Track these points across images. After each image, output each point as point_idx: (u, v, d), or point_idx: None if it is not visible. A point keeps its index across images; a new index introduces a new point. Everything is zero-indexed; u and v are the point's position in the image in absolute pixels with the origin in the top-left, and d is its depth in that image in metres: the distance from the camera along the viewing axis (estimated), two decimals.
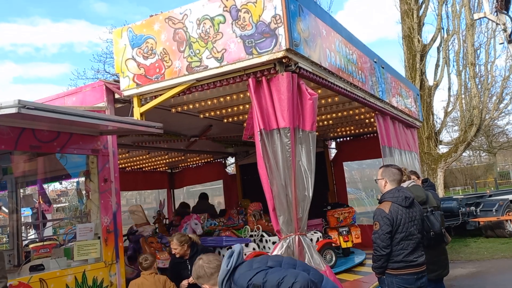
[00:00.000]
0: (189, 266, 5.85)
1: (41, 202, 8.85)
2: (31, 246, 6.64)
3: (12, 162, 6.33)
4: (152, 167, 13.31)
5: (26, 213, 12.25)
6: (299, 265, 3.24)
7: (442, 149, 22.23)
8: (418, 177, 6.36)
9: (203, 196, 11.14)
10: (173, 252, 5.96)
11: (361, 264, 8.41)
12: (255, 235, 7.66)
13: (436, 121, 22.37)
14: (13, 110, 3.68)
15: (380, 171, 4.78)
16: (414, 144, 9.85)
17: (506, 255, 11.03)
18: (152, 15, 5.61)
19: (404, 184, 5.55)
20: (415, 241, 4.41)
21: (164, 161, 12.51)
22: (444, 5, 20.74)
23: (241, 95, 6.41)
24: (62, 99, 6.00)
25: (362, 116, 9.00)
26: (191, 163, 13.73)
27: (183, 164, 13.87)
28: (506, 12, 12.20)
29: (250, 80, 4.90)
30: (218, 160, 13.52)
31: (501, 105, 23.09)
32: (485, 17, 12.95)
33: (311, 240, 7.60)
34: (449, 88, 21.67)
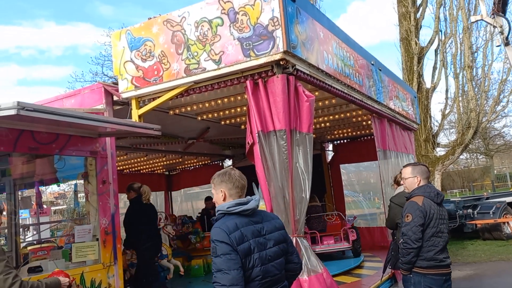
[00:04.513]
0: None
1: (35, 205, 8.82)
2: (29, 248, 6.64)
3: (10, 164, 6.33)
4: (150, 169, 13.32)
5: (24, 215, 12.24)
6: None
7: (440, 151, 22.25)
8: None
9: None
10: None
11: (359, 266, 8.42)
12: None
13: (434, 124, 22.42)
14: (12, 112, 3.69)
15: (408, 169, 4.50)
16: (410, 146, 9.88)
17: (503, 257, 11.03)
18: (150, 18, 5.63)
19: (401, 188, 5.55)
20: (444, 240, 4.25)
21: (162, 163, 12.53)
22: (441, 7, 20.80)
23: (239, 97, 6.43)
24: (61, 101, 6.01)
25: (359, 119, 9.02)
26: (189, 165, 13.75)
27: (180, 166, 13.88)
28: (503, 14, 12.25)
29: (247, 82, 4.92)
30: (216, 162, 13.52)
31: (498, 108, 23.09)
32: (482, 19, 12.98)
33: None
34: (447, 91, 21.71)
